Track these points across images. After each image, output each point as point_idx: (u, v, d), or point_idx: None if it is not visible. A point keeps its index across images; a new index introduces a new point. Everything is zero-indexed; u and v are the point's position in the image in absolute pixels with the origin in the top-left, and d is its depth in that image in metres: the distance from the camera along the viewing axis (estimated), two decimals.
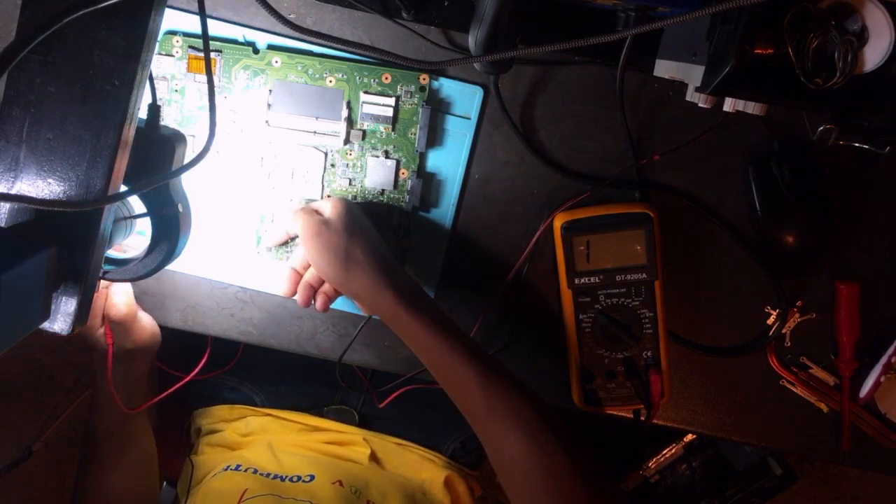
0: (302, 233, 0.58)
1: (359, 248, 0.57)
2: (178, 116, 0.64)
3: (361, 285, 0.57)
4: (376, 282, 0.57)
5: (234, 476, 0.69)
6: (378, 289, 0.57)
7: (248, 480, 0.68)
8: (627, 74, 0.60)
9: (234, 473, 0.70)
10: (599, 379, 0.67)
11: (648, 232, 0.63)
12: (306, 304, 0.61)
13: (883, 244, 0.67)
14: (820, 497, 1.52)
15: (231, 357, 0.83)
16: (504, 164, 0.66)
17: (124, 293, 0.64)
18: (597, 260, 0.64)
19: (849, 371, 0.68)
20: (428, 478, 0.80)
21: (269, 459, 0.73)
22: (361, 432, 0.81)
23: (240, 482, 0.68)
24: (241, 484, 0.67)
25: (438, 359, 0.56)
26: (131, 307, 0.65)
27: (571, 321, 0.66)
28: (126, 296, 0.64)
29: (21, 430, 1.36)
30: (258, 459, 0.73)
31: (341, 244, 0.57)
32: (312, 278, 0.62)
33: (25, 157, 0.41)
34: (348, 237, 0.57)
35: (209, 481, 0.71)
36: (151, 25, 0.41)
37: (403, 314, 0.56)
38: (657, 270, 0.64)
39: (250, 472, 0.70)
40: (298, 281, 0.62)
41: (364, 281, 0.57)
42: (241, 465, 0.71)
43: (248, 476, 0.69)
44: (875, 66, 0.47)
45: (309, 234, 0.58)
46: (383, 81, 0.63)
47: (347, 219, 0.58)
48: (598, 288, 0.65)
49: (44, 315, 0.42)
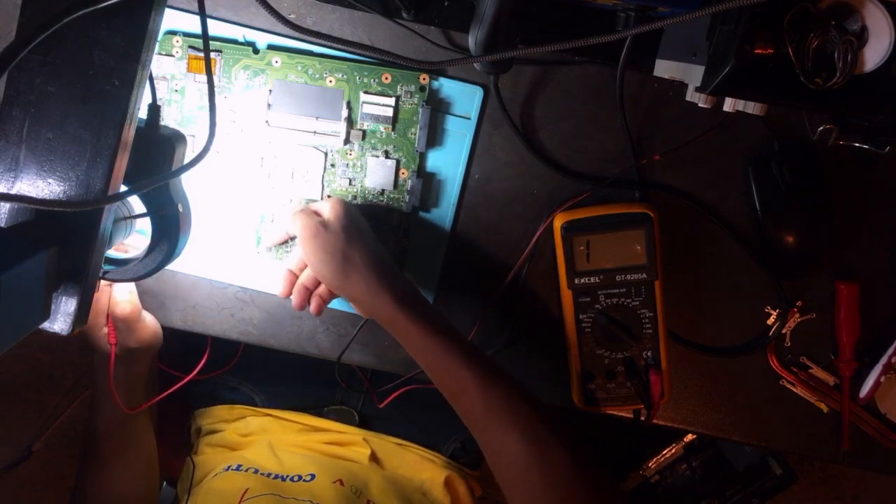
0: (300, 234, 0.58)
1: (356, 251, 0.57)
2: (178, 116, 0.64)
3: (358, 289, 0.57)
4: (373, 285, 0.57)
5: (234, 476, 0.69)
6: (375, 292, 0.57)
7: (249, 480, 0.68)
8: (627, 74, 0.60)
9: (234, 473, 0.70)
10: (599, 379, 0.67)
11: (648, 232, 0.63)
12: (301, 307, 0.61)
13: (883, 244, 0.67)
14: (820, 497, 1.52)
15: (231, 357, 0.83)
16: (504, 164, 0.66)
17: (128, 291, 0.64)
18: (597, 260, 0.64)
19: (849, 371, 0.68)
20: (428, 478, 0.80)
21: (269, 459, 0.73)
22: (361, 432, 0.81)
23: (240, 482, 0.68)
24: (242, 484, 0.67)
25: (436, 362, 0.56)
26: (136, 305, 0.65)
27: (571, 321, 0.66)
28: (130, 294, 0.64)
29: (21, 430, 1.36)
30: (259, 459, 0.73)
31: (339, 246, 0.57)
32: (308, 280, 0.62)
33: (25, 157, 0.41)
34: (346, 240, 0.57)
35: (210, 481, 0.71)
36: (151, 25, 0.41)
37: (401, 318, 0.56)
38: (657, 270, 0.64)
39: (251, 471, 0.70)
40: (294, 282, 0.62)
41: (361, 285, 0.57)
42: (242, 465, 0.71)
43: (248, 476, 0.69)
44: (875, 66, 0.47)
45: (307, 236, 0.58)
46: (383, 81, 0.63)
47: (346, 221, 0.58)
48: (598, 288, 0.65)
49: (44, 315, 0.42)
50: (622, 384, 0.67)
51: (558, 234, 0.64)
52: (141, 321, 0.66)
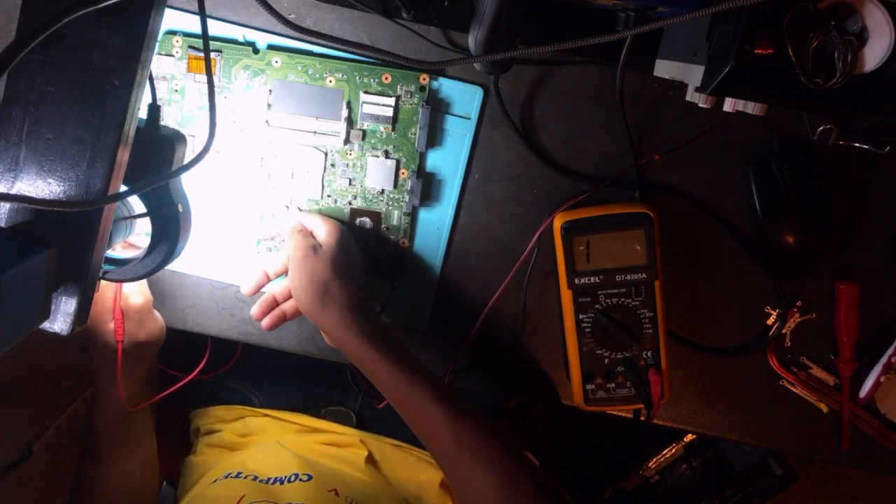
0: (291, 252, 0.60)
1: (337, 285, 0.59)
2: (178, 116, 0.64)
3: (331, 322, 0.59)
4: (346, 322, 0.58)
5: (232, 483, 0.69)
6: (346, 329, 0.58)
7: (245, 487, 0.68)
8: (627, 74, 0.60)
9: (233, 481, 0.70)
10: (599, 379, 0.67)
11: (648, 232, 0.63)
12: (270, 329, 0.64)
13: (883, 244, 0.67)
14: (820, 497, 1.52)
15: (230, 357, 0.83)
16: (504, 164, 0.66)
17: (139, 283, 0.64)
18: (597, 260, 0.64)
19: (849, 371, 0.68)
20: (426, 479, 0.80)
21: (266, 463, 0.73)
22: (359, 434, 0.81)
23: (237, 489, 0.68)
24: (239, 490, 0.67)
25: (405, 398, 0.58)
26: (148, 297, 0.65)
27: (571, 321, 0.66)
28: (141, 285, 0.65)
29: (21, 430, 1.36)
30: (257, 465, 0.73)
31: (323, 276, 0.59)
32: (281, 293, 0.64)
33: (25, 157, 0.41)
34: (331, 271, 0.59)
35: (208, 488, 0.71)
36: (151, 25, 0.41)
37: (368, 355, 0.58)
38: (657, 270, 0.64)
39: (249, 478, 0.70)
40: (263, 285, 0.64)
41: (335, 319, 0.59)
42: (242, 472, 0.71)
43: (246, 483, 0.69)
44: (875, 66, 0.47)
45: (297, 257, 0.60)
46: (383, 81, 0.63)
47: (336, 251, 0.60)
48: (598, 288, 0.65)
49: (44, 315, 0.42)
50: (622, 384, 0.67)
51: (558, 234, 0.64)
52: (151, 313, 0.66)
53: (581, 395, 0.67)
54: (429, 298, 0.68)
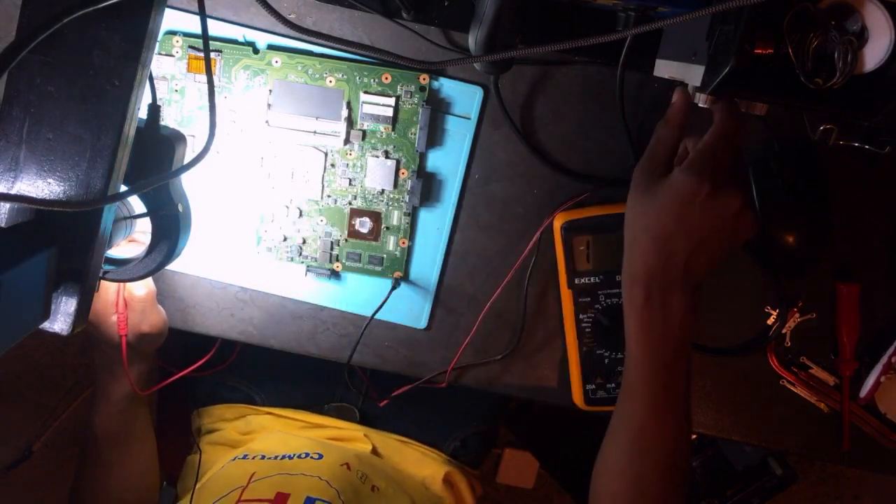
0: None
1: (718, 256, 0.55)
2: (178, 116, 0.64)
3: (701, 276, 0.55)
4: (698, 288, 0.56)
5: (242, 463, 0.70)
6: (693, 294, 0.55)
7: (256, 465, 0.68)
8: (627, 74, 0.60)
9: (242, 462, 0.70)
10: (599, 379, 0.67)
11: None
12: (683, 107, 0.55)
13: (883, 244, 0.67)
14: (820, 497, 1.52)
15: (229, 356, 0.83)
16: (504, 164, 0.66)
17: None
18: (597, 260, 0.64)
19: (849, 371, 0.68)
20: (429, 474, 0.80)
21: (276, 444, 0.74)
22: (362, 429, 0.82)
23: (248, 468, 0.68)
24: (249, 469, 0.68)
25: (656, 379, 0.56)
26: (152, 288, 0.65)
27: (571, 321, 0.66)
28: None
29: (21, 430, 1.36)
30: (265, 447, 0.73)
31: None
32: None
33: (25, 157, 0.41)
34: None
35: (216, 472, 0.71)
36: (151, 25, 0.41)
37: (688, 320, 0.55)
38: None
39: (258, 458, 0.70)
40: None
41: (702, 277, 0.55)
42: (249, 454, 0.72)
43: (255, 462, 0.69)
44: (875, 66, 0.46)
45: None
46: (383, 81, 0.63)
47: None
48: (598, 288, 0.65)
49: (44, 315, 0.42)
50: None
51: (558, 234, 0.64)
52: (154, 305, 0.66)
53: (581, 395, 0.67)
54: (429, 298, 0.68)
